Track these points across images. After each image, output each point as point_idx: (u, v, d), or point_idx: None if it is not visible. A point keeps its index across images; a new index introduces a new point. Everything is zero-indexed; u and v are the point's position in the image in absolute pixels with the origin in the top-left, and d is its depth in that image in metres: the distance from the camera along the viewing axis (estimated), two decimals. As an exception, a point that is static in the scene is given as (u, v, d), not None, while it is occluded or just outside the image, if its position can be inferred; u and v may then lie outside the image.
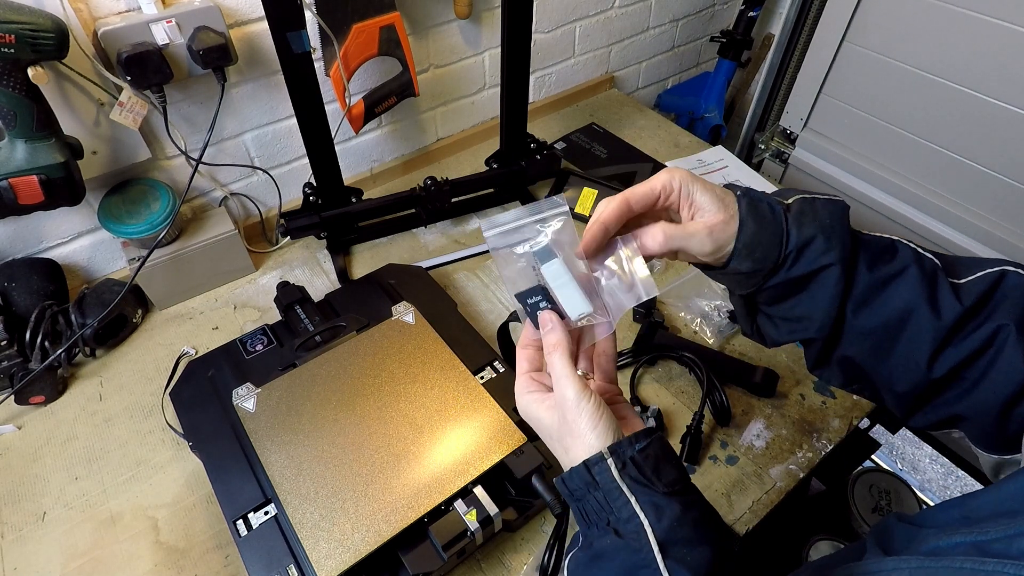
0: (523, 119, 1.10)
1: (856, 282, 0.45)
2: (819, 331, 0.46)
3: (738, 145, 1.75)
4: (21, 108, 0.72)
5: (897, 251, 0.46)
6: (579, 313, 0.44)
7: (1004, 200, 1.25)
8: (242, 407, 0.73)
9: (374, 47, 0.96)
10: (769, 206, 0.45)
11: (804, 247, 0.44)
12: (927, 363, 0.44)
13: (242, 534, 0.66)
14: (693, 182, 0.45)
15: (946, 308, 0.44)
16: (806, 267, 0.45)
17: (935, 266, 0.46)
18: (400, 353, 0.79)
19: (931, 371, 0.44)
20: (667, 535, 0.39)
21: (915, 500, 1.13)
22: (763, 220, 0.44)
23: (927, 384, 0.45)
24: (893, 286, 0.45)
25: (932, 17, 1.19)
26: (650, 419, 0.80)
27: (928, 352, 0.44)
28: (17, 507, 0.77)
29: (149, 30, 0.80)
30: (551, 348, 0.44)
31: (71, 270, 0.98)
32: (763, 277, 0.46)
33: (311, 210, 1.00)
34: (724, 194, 0.45)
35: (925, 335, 0.44)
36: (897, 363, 0.46)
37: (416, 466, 0.67)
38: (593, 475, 0.41)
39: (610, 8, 1.37)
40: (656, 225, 0.45)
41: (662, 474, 0.42)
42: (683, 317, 0.97)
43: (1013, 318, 0.43)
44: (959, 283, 0.45)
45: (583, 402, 0.42)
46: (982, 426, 0.45)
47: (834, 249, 0.44)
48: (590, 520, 0.43)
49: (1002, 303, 0.44)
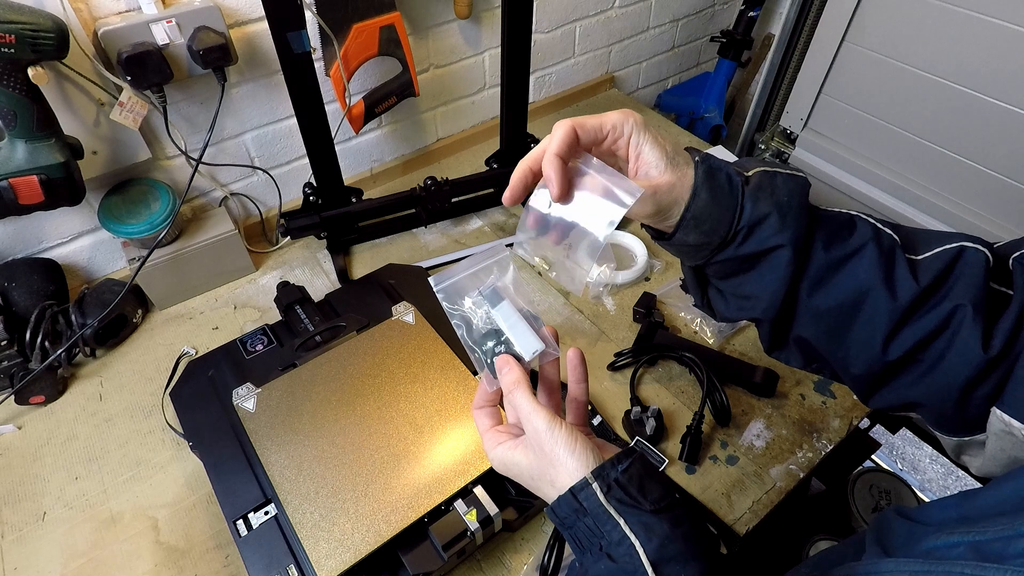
0: (523, 119, 1.10)
1: (812, 262, 0.44)
2: (765, 312, 0.45)
3: (738, 145, 1.75)
4: (21, 108, 0.72)
5: (856, 227, 0.45)
6: (532, 351, 0.45)
7: (1004, 200, 1.25)
8: (242, 407, 0.73)
9: (374, 47, 0.96)
10: (727, 176, 0.43)
11: (756, 224, 0.42)
12: (882, 345, 0.43)
13: (242, 534, 0.66)
14: (644, 132, 0.42)
15: (902, 288, 0.42)
16: (756, 246, 0.43)
17: (893, 242, 0.44)
18: (400, 353, 0.79)
19: (886, 353, 0.43)
20: (659, 554, 0.39)
21: (915, 500, 1.13)
22: (719, 191, 0.42)
23: (883, 366, 0.44)
24: (849, 266, 0.44)
25: (932, 17, 1.20)
26: (650, 419, 0.80)
27: (884, 333, 0.43)
28: (17, 507, 0.77)
29: (149, 30, 0.80)
30: (512, 387, 0.44)
31: (71, 270, 0.98)
32: (711, 251, 0.44)
33: (311, 210, 1.00)
34: (677, 154, 0.42)
35: (881, 316, 0.43)
36: (853, 344, 0.45)
37: (416, 466, 0.68)
38: (580, 501, 0.41)
39: (610, 8, 1.37)
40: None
41: (647, 492, 0.41)
42: (683, 317, 0.97)
43: (969, 298, 0.41)
44: (916, 259, 0.44)
45: (555, 429, 0.42)
46: (941, 410, 0.44)
47: (788, 229, 0.42)
48: (583, 546, 0.42)
49: (959, 281, 0.42)
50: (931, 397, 0.44)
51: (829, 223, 0.45)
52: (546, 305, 1.00)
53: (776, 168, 0.45)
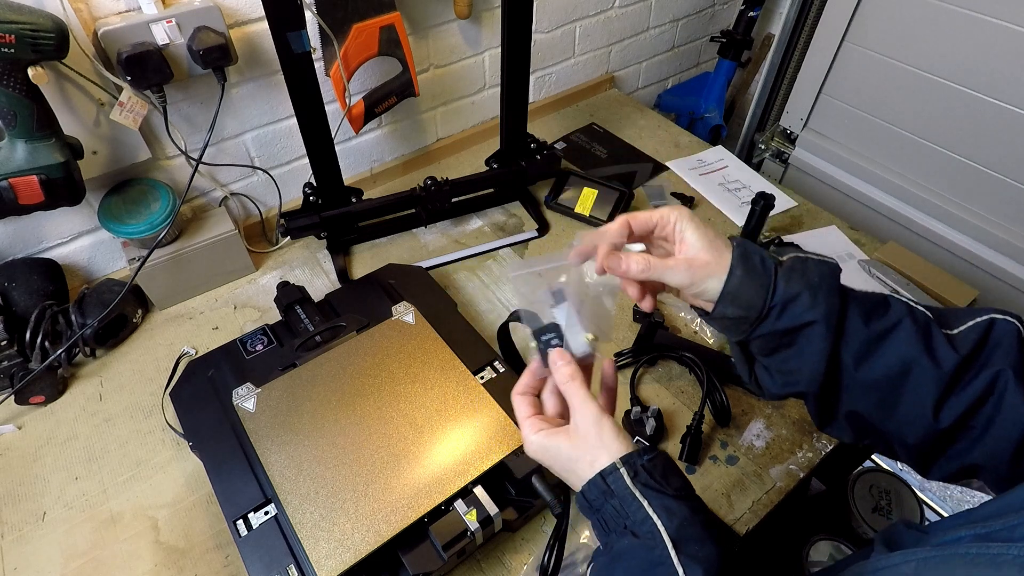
0: (523, 119, 1.10)
1: (853, 336, 0.47)
2: (809, 385, 0.49)
3: (738, 145, 1.75)
4: (21, 108, 0.72)
5: (890, 305, 0.49)
6: (582, 352, 0.51)
7: (1004, 200, 1.25)
8: (242, 407, 0.73)
9: (374, 47, 0.96)
10: (761, 259, 0.48)
11: (789, 302, 0.47)
12: (933, 412, 0.46)
13: (242, 534, 0.66)
14: (689, 221, 0.49)
15: (944, 357, 0.46)
16: (790, 321, 0.47)
17: (927, 318, 0.48)
18: (400, 353, 0.79)
19: (938, 420, 0.46)
20: (679, 534, 0.42)
21: (915, 500, 1.13)
22: (753, 270, 0.48)
23: (937, 434, 0.47)
24: (891, 339, 0.47)
25: (932, 17, 1.20)
26: (650, 419, 0.80)
27: (932, 401, 0.46)
28: (17, 507, 0.77)
29: (149, 30, 0.80)
30: (567, 379, 0.50)
31: (71, 270, 0.98)
32: (750, 325, 0.49)
33: (311, 210, 1.00)
34: (717, 239, 0.49)
35: (928, 385, 0.46)
36: (904, 414, 0.47)
37: (416, 466, 0.68)
38: (608, 484, 0.45)
39: (610, 8, 1.37)
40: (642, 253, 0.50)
41: (670, 481, 0.45)
42: (683, 317, 0.97)
43: (1010, 363, 0.45)
44: (952, 333, 0.47)
45: (604, 419, 0.48)
46: (997, 471, 0.47)
47: (820, 306, 0.46)
48: (609, 528, 0.46)
49: (996, 350, 0.46)
50: (986, 459, 0.46)
51: (863, 302, 0.49)
52: (546, 305, 1.00)
53: (808, 254, 0.50)
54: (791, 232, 1.12)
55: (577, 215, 1.14)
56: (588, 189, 1.16)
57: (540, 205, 1.17)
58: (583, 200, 1.15)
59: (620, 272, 0.50)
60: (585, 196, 1.15)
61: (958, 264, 1.33)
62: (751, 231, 1.04)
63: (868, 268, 1.02)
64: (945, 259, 1.35)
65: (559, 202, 1.16)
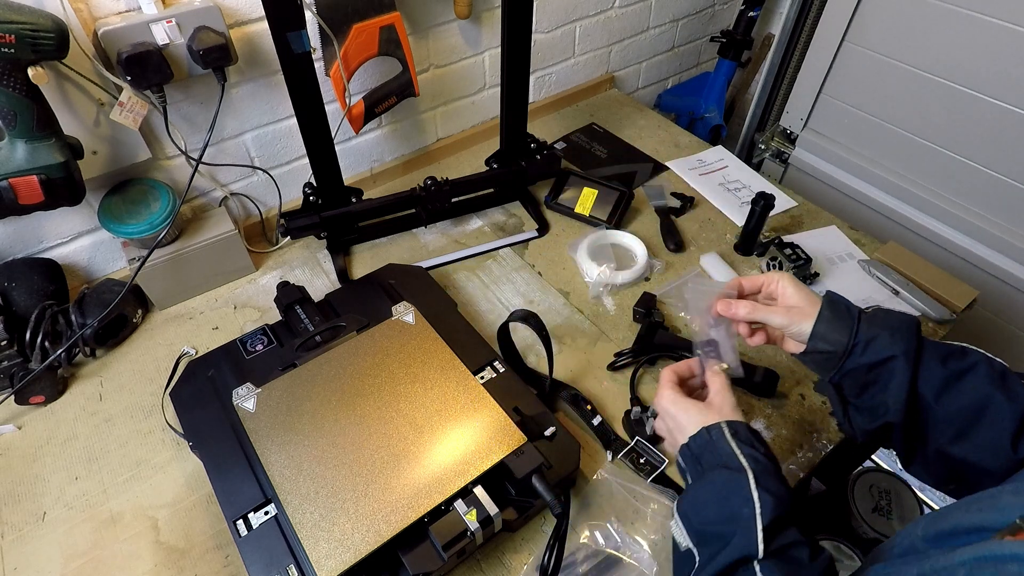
0: (523, 119, 1.10)
1: (931, 374, 0.55)
2: (895, 415, 0.56)
3: (738, 145, 1.75)
4: (21, 108, 0.72)
5: (967, 351, 0.57)
6: (731, 366, 0.65)
7: (1004, 200, 1.25)
8: (242, 407, 0.73)
9: (374, 47, 0.96)
10: (846, 305, 0.60)
11: (871, 340, 0.57)
12: (1011, 444, 0.52)
13: (242, 534, 0.66)
14: (791, 282, 0.63)
15: (1019, 396, 0.52)
16: (873, 356, 0.57)
17: (1003, 365, 0.56)
18: (400, 353, 0.79)
19: (1017, 451, 0.52)
20: (759, 476, 0.52)
21: (915, 500, 1.13)
22: (839, 314, 0.59)
23: (1017, 463, 0.52)
24: (968, 377, 0.55)
25: (932, 17, 1.20)
26: (650, 419, 0.80)
27: (1010, 434, 0.52)
28: (17, 507, 0.77)
29: (149, 30, 0.80)
30: (714, 376, 0.63)
31: (71, 270, 0.98)
32: (838, 359, 0.59)
33: (311, 210, 1.00)
34: (811, 294, 0.62)
35: (1005, 419, 0.52)
36: (984, 444, 0.53)
37: (416, 466, 0.68)
38: (711, 435, 0.57)
39: (610, 8, 1.37)
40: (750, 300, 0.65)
41: (757, 445, 0.56)
42: (683, 317, 0.97)
43: None
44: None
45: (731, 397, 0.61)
46: None
47: (899, 343, 0.56)
48: (704, 467, 0.56)
49: None
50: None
51: (941, 348, 0.57)
52: (546, 305, 1.00)
53: (890, 308, 0.61)
54: (791, 232, 1.12)
55: (577, 215, 1.14)
56: (588, 189, 1.16)
57: (540, 205, 1.18)
58: (583, 200, 1.15)
59: (730, 313, 0.64)
60: (585, 196, 1.15)
61: (958, 264, 1.33)
62: (751, 231, 1.04)
63: (868, 268, 1.02)
64: (945, 259, 1.35)
65: (559, 202, 1.16)
